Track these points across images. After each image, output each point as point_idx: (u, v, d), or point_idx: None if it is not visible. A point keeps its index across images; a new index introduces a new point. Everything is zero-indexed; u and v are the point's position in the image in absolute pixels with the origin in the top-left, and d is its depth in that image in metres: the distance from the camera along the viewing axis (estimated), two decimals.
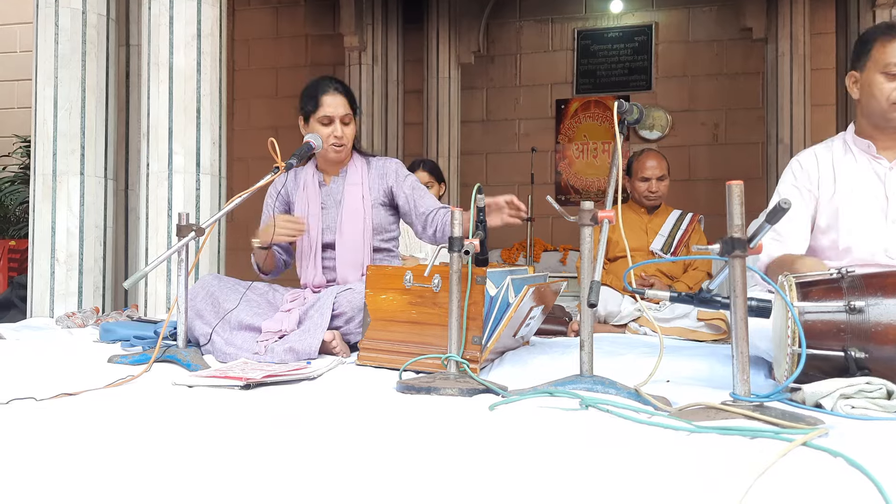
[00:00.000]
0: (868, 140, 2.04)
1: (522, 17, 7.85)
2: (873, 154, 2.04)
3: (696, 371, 1.90)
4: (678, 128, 7.47)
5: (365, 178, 2.55)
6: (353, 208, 2.50)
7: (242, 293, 2.32)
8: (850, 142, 2.10)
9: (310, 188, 2.55)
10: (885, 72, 1.93)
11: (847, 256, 1.99)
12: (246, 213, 2.24)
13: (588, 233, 1.64)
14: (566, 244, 7.03)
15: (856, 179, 2.04)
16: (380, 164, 2.60)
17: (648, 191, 3.31)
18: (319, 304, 2.22)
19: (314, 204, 2.52)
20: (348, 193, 2.52)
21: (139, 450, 1.13)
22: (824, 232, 2.06)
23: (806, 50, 6.37)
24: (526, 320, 2.17)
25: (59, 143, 3.69)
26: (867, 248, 1.98)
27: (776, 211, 1.26)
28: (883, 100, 1.96)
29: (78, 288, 3.70)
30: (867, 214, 2.00)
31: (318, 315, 2.18)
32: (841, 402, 1.35)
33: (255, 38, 8.11)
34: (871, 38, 1.98)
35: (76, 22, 3.72)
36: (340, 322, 2.23)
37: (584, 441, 1.16)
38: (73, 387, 1.62)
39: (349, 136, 2.48)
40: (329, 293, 2.26)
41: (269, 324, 2.21)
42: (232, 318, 2.24)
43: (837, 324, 1.43)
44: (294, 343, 2.10)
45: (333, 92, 2.47)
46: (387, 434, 1.24)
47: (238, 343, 2.17)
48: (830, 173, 2.07)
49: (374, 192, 2.54)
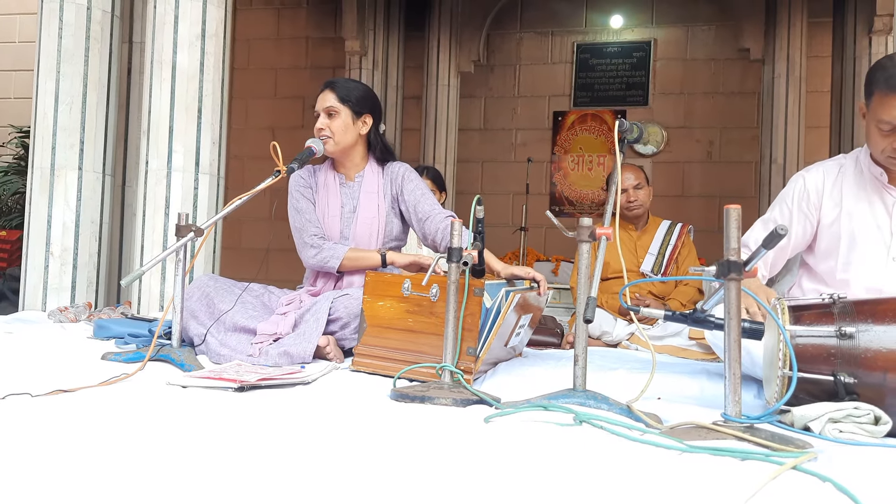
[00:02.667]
0: (881, 168, 1.97)
1: (523, 29, 7.89)
2: (884, 182, 1.97)
3: (686, 388, 1.92)
4: (673, 144, 7.53)
5: (380, 186, 2.55)
6: (368, 217, 2.50)
7: (238, 295, 2.32)
8: (863, 164, 2.02)
9: (331, 188, 2.54)
10: (878, 126, 1.87)
11: (844, 289, 1.91)
12: (240, 212, 2.25)
13: (585, 249, 1.66)
14: (559, 255, 7.05)
15: (862, 208, 1.98)
16: (392, 168, 2.58)
17: (628, 201, 3.32)
18: (316, 309, 2.23)
19: (335, 205, 2.52)
20: (364, 201, 2.51)
21: (134, 449, 1.13)
22: (824, 258, 2.02)
23: (802, 72, 6.43)
24: (516, 329, 2.19)
25: (58, 138, 3.69)
26: (863, 285, 1.92)
27: (772, 237, 1.29)
28: (877, 151, 1.92)
29: (71, 283, 3.70)
30: (868, 249, 1.95)
31: (314, 320, 2.19)
32: (829, 426, 1.37)
33: (256, 38, 8.12)
34: (873, 81, 1.88)
35: (80, 17, 3.73)
36: (336, 327, 2.24)
37: (577, 457, 1.18)
38: (68, 383, 1.63)
39: (335, 128, 2.46)
40: (326, 298, 2.27)
41: (265, 326, 2.21)
42: (227, 320, 2.24)
43: (828, 348, 1.45)
44: (289, 347, 2.10)
45: (323, 89, 2.51)
46: (380, 442, 1.25)
47: (232, 344, 2.17)
48: (838, 196, 2.01)
49: (387, 201, 2.54)
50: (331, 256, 2.42)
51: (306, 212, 2.50)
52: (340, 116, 2.46)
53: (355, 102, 2.49)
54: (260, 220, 7.40)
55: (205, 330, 2.22)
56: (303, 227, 2.49)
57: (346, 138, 2.48)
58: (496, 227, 7.25)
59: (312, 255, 2.45)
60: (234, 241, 7.52)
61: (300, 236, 2.49)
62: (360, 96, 2.50)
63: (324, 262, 2.43)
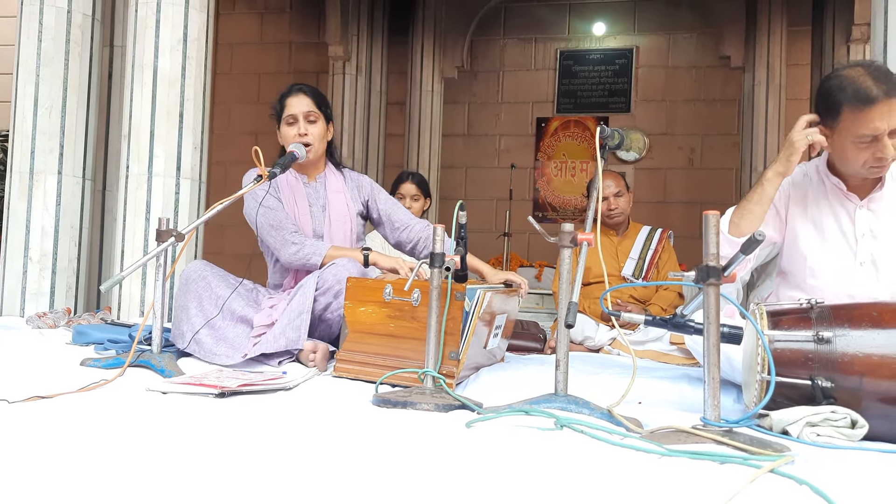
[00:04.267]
0: (838, 178, 2.00)
1: (507, 36, 7.93)
2: (844, 190, 2.00)
3: (667, 393, 1.93)
4: (655, 150, 7.58)
5: (343, 187, 2.60)
6: (340, 214, 2.54)
7: (235, 287, 2.34)
8: (822, 174, 2.05)
9: (295, 187, 2.54)
10: (857, 142, 1.86)
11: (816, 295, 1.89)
12: (221, 217, 2.24)
13: (567, 254, 1.67)
14: (542, 260, 7.07)
15: (826, 215, 2.00)
16: (354, 176, 2.67)
17: (608, 209, 3.36)
18: (303, 287, 2.25)
19: (302, 203, 2.53)
20: (333, 200, 2.55)
21: (113, 456, 1.12)
22: (793, 264, 2.03)
23: (782, 80, 6.51)
24: (493, 330, 2.19)
25: (37, 142, 3.66)
26: (833, 291, 1.93)
27: (750, 242, 1.30)
28: (858, 165, 1.90)
29: (50, 288, 3.66)
30: (835, 255, 1.97)
31: (301, 294, 2.21)
32: (807, 429, 1.39)
33: (239, 42, 8.09)
34: (840, 103, 1.86)
35: (61, 21, 3.70)
36: (329, 297, 2.23)
37: (558, 461, 1.18)
38: (46, 390, 1.61)
39: (315, 134, 2.49)
40: (311, 277, 2.28)
41: (260, 318, 2.23)
42: (228, 306, 2.26)
43: (806, 353, 1.47)
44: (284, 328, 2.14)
45: (297, 93, 2.53)
46: (361, 448, 1.25)
47: (230, 338, 2.19)
48: (802, 202, 2.04)
49: (354, 203, 2.60)
50: (312, 253, 2.41)
51: (278, 209, 2.49)
52: (319, 123, 2.51)
53: (326, 108, 2.56)
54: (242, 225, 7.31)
55: (200, 323, 2.22)
56: (280, 225, 2.45)
57: (321, 144, 2.54)
58: (479, 233, 7.27)
59: (294, 251, 2.42)
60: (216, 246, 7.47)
61: (279, 234, 2.45)
62: (327, 103, 2.59)
63: (306, 258, 2.41)
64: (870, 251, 1.95)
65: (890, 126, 1.81)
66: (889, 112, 1.79)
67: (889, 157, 1.85)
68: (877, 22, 3.06)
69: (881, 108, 1.79)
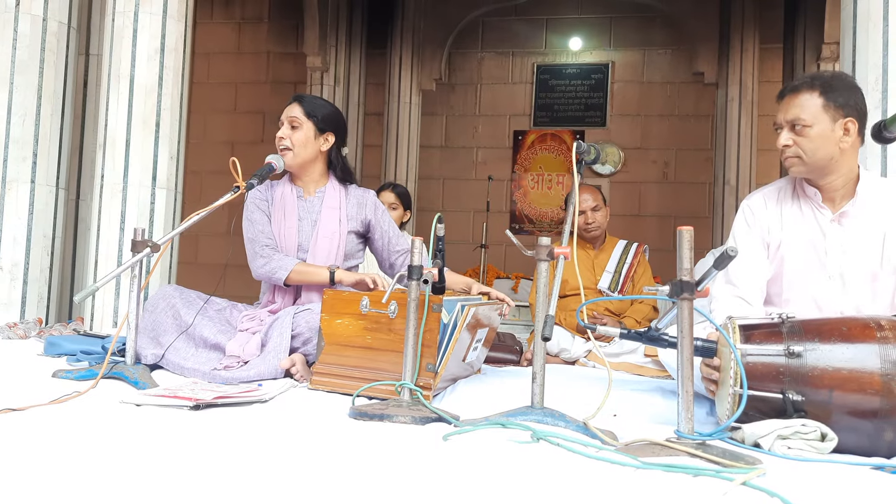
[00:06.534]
0: (815, 188, 2.03)
1: (484, 49, 7.99)
2: (818, 203, 2.02)
3: (641, 405, 1.95)
4: (630, 164, 7.67)
5: (343, 203, 2.56)
6: (329, 230, 2.50)
7: (200, 306, 2.31)
8: (798, 185, 2.08)
9: (287, 201, 2.52)
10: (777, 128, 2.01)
11: (787, 308, 1.97)
12: (197, 227, 2.23)
13: (544, 268, 1.68)
14: (519, 272, 7.11)
15: (799, 229, 2.03)
16: (358, 193, 2.61)
17: (585, 223, 3.41)
18: (278, 325, 2.23)
19: (291, 217, 2.51)
20: (325, 216, 2.51)
21: (86, 469, 1.11)
22: (773, 280, 2.07)
23: (754, 96, 6.63)
24: (473, 343, 2.20)
25: (10, 150, 3.61)
26: (803, 304, 1.98)
27: (723, 258, 1.32)
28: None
29: (21, 298, 3.60)
30: (806, 268, 2.01)
31: (279, 335, 2.20)
32: (778, 442, 1.41)
33: (216, 52, 8.06)
34: None
35: (36, 28, 3.66)
36: (298, 343, 2.23)
37: (534, 474, 1.19)
38: (18, 402, 1.59)
39: (296, 139, 2.48)
40: (287, 313, 2.26)
41: (232, 346, 2.20)
42: (195, 334, 2.23)
43: (777, 367, 1.49)
44: (258, 367, 2.11)
45: (291, 101, 2.55)
46: (338, 461, 1.25)
47: (202, 360, 2.17)
48: (778, 220, 2.07)
49: (350, 220, 2.55)
50: (278, 268, 2.41)
51: (259, 223, 2.50)
52: (303, 129, 2.48)
53: (320, 119, 2.51)
54: (217, 236, 7.32)
55: (169, 342, 2.21)
56: (255, 238, 2.48)
57: (305, 151, 2.50)
58: (457, 245, 7.28)
59: (261, 265, 2.45)
60: (191, 256, 7.41)
61: (252, 246, 2.48)
62: (326, 114, 2.53)
63: (272, 272, 2.42)
64: (839, 265, 1.98)
65: (785, 118, 1.96)
66: (786, 106, 1.97)
67: (780, 148, 1.98)
68: (845, 42, 3.13)
69: (783, 103, 1.98)
